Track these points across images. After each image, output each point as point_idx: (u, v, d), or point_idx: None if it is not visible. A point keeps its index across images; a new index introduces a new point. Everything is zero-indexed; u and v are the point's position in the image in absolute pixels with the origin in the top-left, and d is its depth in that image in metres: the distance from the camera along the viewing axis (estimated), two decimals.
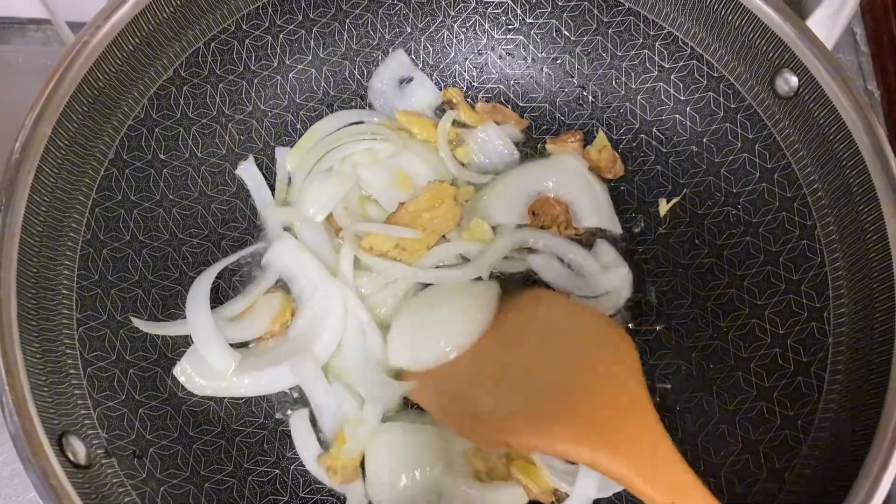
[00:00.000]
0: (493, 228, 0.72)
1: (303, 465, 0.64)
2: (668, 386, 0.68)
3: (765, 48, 0.65)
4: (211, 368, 0.63)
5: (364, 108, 0.77)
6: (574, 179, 0.74)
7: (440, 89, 0.78)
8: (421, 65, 0.78)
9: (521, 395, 0.56)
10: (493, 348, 0.62)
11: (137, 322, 0.62)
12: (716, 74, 0.70)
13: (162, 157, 0.67)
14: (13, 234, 0.54)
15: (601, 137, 0.76)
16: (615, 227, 0.74)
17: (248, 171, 0.72)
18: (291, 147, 0.74)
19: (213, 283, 0.66)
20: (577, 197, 0.74)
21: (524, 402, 0.55)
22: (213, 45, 0.69)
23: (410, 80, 0.77)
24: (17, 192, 0.54)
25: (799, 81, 0.63)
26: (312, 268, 0.68)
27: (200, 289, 0.65)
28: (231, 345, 0.64)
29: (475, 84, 0.78)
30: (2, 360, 0.50)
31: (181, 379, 0.63)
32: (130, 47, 0.62)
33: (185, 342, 0.65)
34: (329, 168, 0.72)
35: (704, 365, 0.67)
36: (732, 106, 0.69)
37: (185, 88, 0.68)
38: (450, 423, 0.60)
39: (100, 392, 0.57)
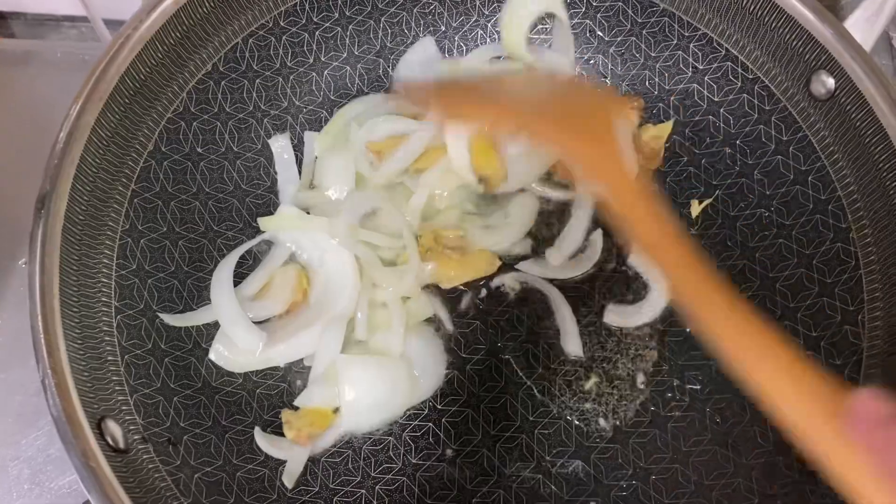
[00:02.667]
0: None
1: (332, 458, 0.64)
2: (698, 387, 0.68)
3: (801, 50, 0.65)
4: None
5: None
6: None
7: None
8: None
9: (523, 96, 0.60)
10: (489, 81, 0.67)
11: (166, 317, 0.63)
12: (750, 76, 0.70)
13: (199, 150, 0.68)
14: (57, 221, 0.55)
15: (668, 126, 0.75)
16: None
17: (279, 144, 0.73)
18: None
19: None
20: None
21: (526, 98, 0.59)
22: (251, 40, 0.70)
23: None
24: (62, 179, 0.56)
25: (836, 83, 0.63)
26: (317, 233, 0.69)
27: (223, 273, 0.66)
28: (258, 322, 0.66)
29: None
30: (45, 343, 0.51)
31: (219, 362, 0.64)
32: (171, 41, 0.63)
33: (216, 332, 0.66)
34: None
35: None
36: (767, 108, 0.69)
37: (223, 83, 0.69)
38: (436, 104, 0.64)
39: (136, 379, 0.58)
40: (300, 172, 0.73)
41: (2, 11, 1.16)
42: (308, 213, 0.70)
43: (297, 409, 0.65)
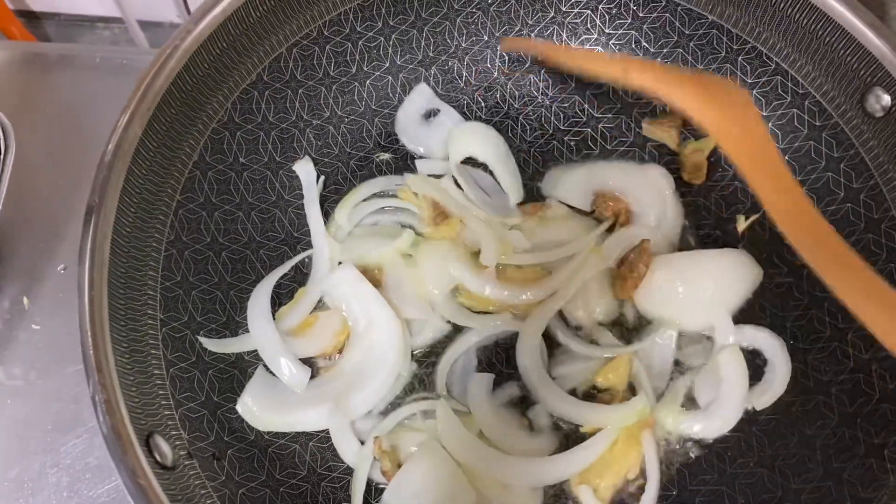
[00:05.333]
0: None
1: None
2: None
3: (856, 65, 0.63)
4: (274, 400, 0.63)
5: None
6: (649, 193, 0.73)
7: (466, 119, 0.77)
8: (496, 73, 0.77)
9: None
10: None
11: (206, 342, 0.62)
12: (801, 91, 0.69)
13: (242, 160, 0.68)
14: (105, 234, 0.54)
15: (711, 140, 0.74)
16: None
17: (304, 169, 0.72)
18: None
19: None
20: (644, 209, 0.73)
21: None
22: (295, 50, 0.69)
23: (437, 112, 0.76)
24: (109, 193, 0.55)
25: (892, 100, 0.62)
26: (370, 298, 0.66)
27: (260, 300, 0.65)
28: None
29: (550, 94, 0.78)
30: (94, 359, 0.51)
31: (245, 416, 0.62)
32: (217, 51, 0.63)
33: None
34: (375, 223, 0.73)
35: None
36: (818, 123, 0.68)
37: (266, 93, 0.69)
38: None
39: (181, 393, 0.58)
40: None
41: (36, 12, 1.17)
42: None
43: None
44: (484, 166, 0.75)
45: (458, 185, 0.72)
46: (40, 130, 0.84)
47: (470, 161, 0.75)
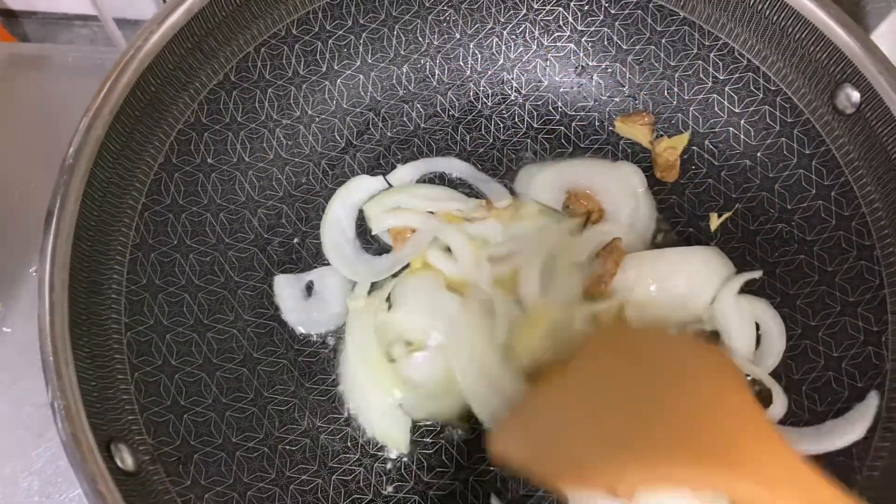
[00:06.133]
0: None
1: (344, 476, 0.63)
2: None
3: (826, 62, 0.63)
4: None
5: (409, 124, 0.77)
6: (621, 190, 0.73)
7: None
8: (469, 71, 0.77)
9: (623, 434, 0.51)
10: (578, 386, 0.58)
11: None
12: (773, 87, 0.68)
13: (210, 161, 0.67)
14: (66, 238, 0.54)
15: (683, 138, 0.74)
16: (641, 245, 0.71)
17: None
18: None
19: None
20: (617, 207, 0.73)
21: (628, 439, 0.51)
22: (263, 49, 0.69)
23: (310, 283, 0.71)
24: (71, 196, 0.55)
25: (861, 97, 0.61)
26: None
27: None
28: None
29: (523, 92, 0.77)
30: (54, 365, 0.50)
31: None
32: (182, 51, 0.62)
33: (228, 347, 0.65)
34: None
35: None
36: (789, 120, 0.68)
37: (234, 93, 0.68)
38: (543, 474, 0.54)
39: (146, 397, 0.57)
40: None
41: (14, 10, 1.16)
42: None
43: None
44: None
45: None
46: (14, 132, 0.84)
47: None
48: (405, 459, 0.64)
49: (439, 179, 0.75)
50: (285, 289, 0.70)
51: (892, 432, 0.56)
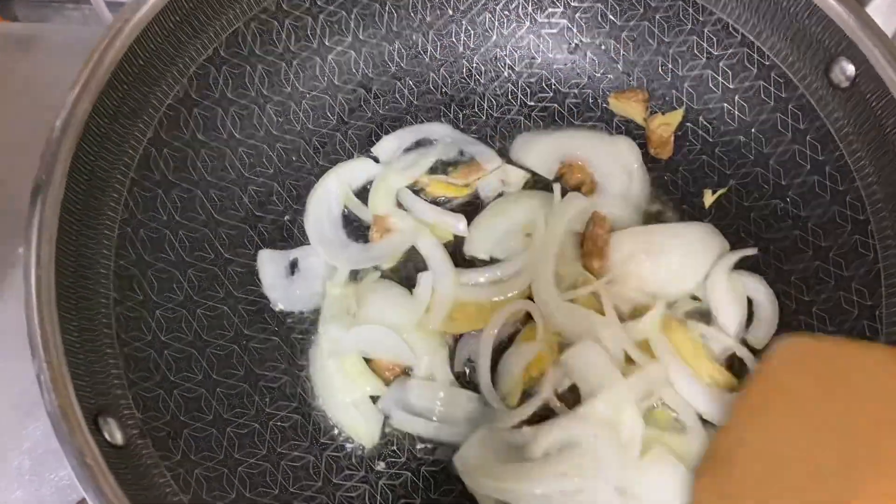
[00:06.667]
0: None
1: (336, 452, 0.63)
2: None
3: (821, 36, 0.63)
4: None
5: (401, 101, 0.76)
6: (615, 164, 0.72)
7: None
8: (462, 48, 0.76)
9: (846, 450, 0.47)
10: (775, 414, 0.52)
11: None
12: (767, 63, 0.68)
13: (200, 137, 0.67)
14: (53, 211, 0.53)
15: (677, 114, 0.73)
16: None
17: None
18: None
19: None
20: (609, 181, 0.72)
21: (852, 456, 0.47)
22: (252, 24, 0.68)
23: (295, 261, 0.70)
24: (58, 169, 0.54)
25: (856, 70, 0.61)
26: None
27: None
28: None
29: (516, 69, 0.77)
30: (40, 337, 0.50)
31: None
32: (171, 25, 0.61)
33: (219, 324, 0.65)
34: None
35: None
36: (784, 95, 0.67)
37: (224, 68, 0.67)
38: None
39: (135, 372, 0.57)
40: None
41: None
42: None
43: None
44: None
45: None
46: (3, 113, 0.83)
47: None
48: (397, 435, 0.64)
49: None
50: (268, 264, 0.69)
51: None
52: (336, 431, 0.64)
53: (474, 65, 0.77)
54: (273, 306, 0.68)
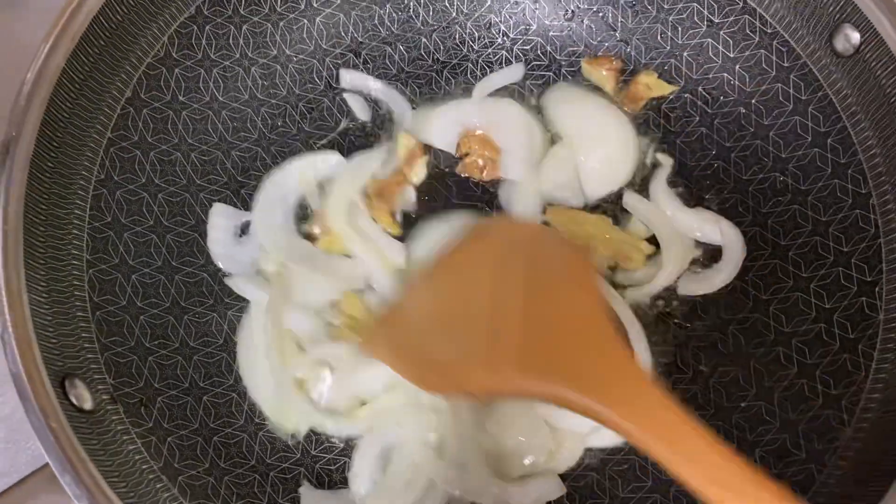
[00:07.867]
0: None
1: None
2: (701, 360, 0.64)
3: (825, 1, 0.60)
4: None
5: (392, 67, 0.74)
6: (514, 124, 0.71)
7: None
8: (455, 13, 0.74)
9: (477, 337, 0.52)
10: (446, 285, 0.57)
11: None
12: (769, 31, 0.65)
13: (181, 98, 0.65)
14: (22, 167, 0.51)
15: (666, 87, 0.71)
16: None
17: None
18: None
19: None
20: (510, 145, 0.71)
21: (481, 343, 0.51)
22: None
23: (247, 224, 0.67)
24: (28, 124, 0.52)
25: (861, 38, 0.59)
26: None
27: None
28: None
29: (511, 35, 0.74)
30: (6, 297, 0.48)
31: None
32: None
33: (198, 291, 0.63)
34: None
35: (742, 339, 0.64)
36: (786, 65, 0.65)
37: (207, 28, 0.65)
38: (406, 375, 0.55)
39: (108, 337, 0.55)
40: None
41: None
42: None
43: None
44: None
45: None
46: None
47: None
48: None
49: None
50: (219, 218, 0.66)
51: (884, 383, 0.54)
52: None
53: (468, 31, 0.74)
54: (215, 263, 0.65)
